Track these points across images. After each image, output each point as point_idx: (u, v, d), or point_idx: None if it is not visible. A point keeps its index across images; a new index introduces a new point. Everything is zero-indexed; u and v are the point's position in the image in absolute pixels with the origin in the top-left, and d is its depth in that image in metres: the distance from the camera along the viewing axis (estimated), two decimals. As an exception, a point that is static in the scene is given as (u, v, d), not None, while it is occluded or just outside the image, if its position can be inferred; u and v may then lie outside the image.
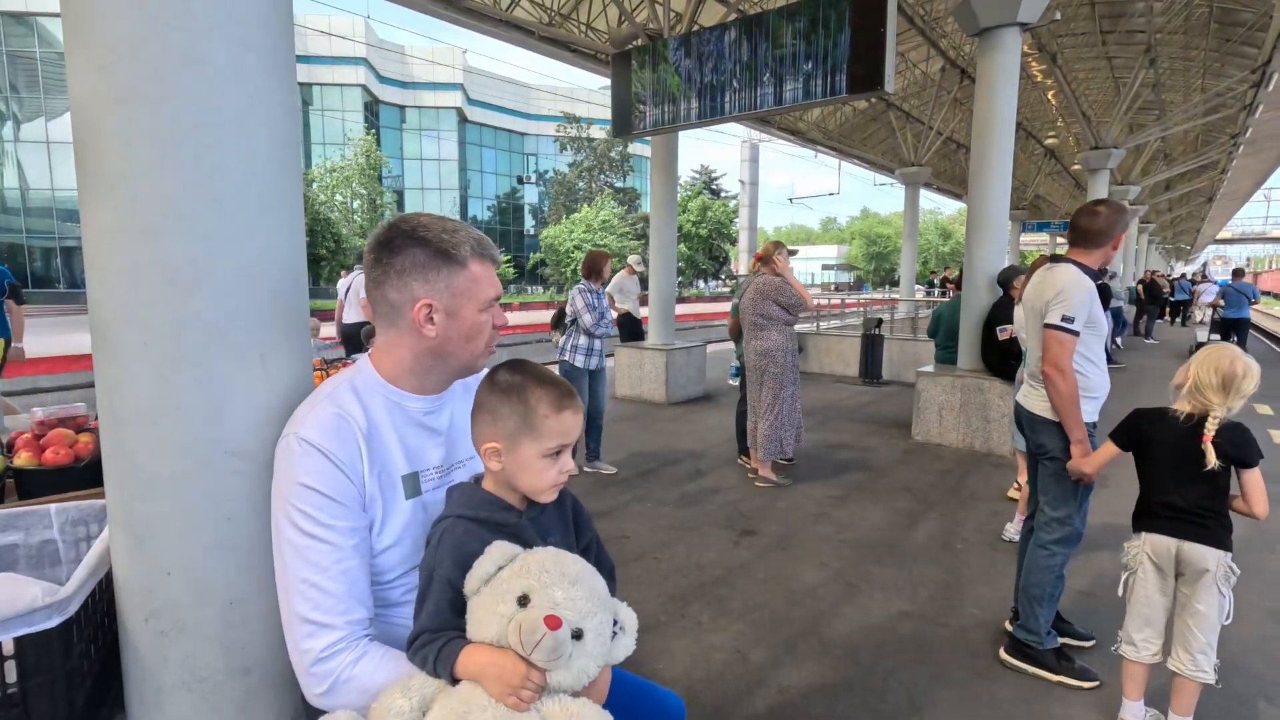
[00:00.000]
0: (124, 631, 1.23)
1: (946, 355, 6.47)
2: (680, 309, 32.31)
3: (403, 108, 49.13)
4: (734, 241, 52.11)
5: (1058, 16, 10.61)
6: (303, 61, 39.30)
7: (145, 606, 1.20)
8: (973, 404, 6.03)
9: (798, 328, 12.72)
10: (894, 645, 2.87)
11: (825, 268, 74.31)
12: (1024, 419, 2.74)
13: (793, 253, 5.15)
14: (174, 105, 1.10)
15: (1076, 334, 2.48)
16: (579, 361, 5.02)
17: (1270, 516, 2.12)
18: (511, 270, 47.68)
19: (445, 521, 1.09)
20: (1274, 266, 66.31)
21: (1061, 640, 2.76)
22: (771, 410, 4.92)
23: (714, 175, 54.81)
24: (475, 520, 1.08)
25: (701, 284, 52.30)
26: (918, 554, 3.81)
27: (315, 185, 34.98)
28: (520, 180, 56.32)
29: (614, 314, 8.23)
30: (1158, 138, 15.52)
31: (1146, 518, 2.20)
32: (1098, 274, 2.55)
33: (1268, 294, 55.96)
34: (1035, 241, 37.73)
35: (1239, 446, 2.03)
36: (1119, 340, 14.80)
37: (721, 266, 51.66)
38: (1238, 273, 13.10)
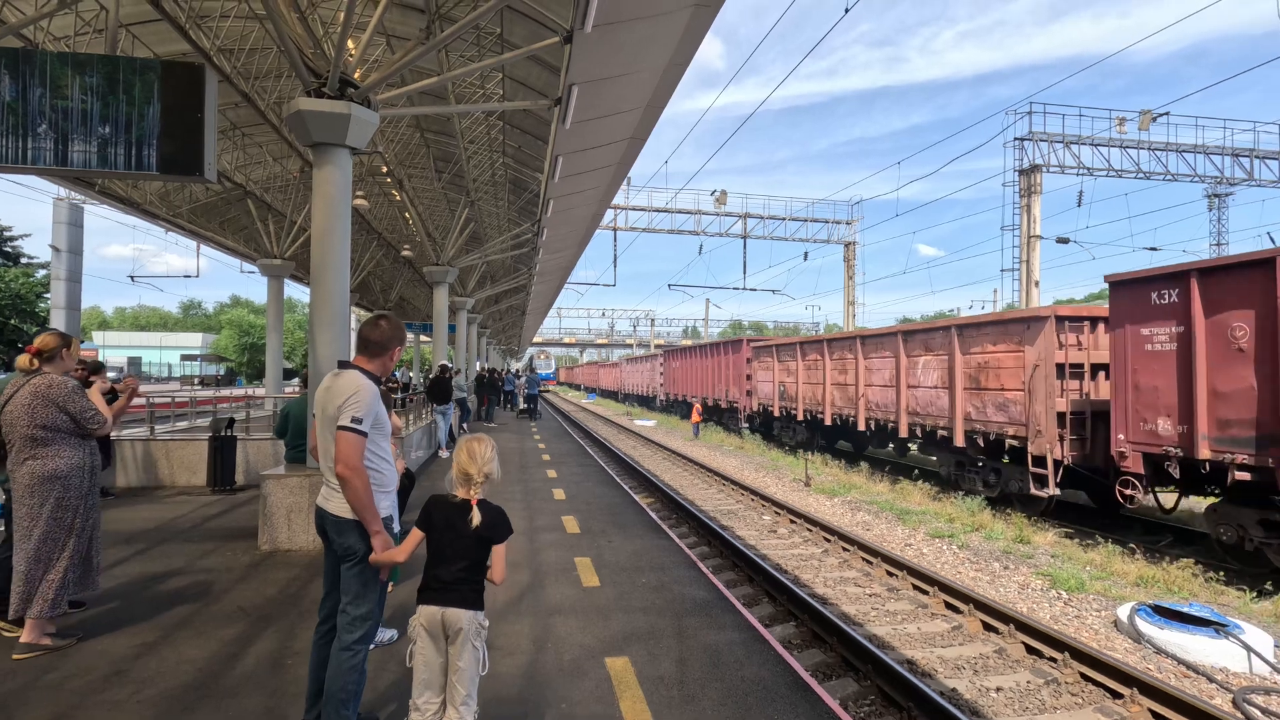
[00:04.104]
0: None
1: (297, 455, 6.24)
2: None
3: None
4: (44, 322, 39.71)
5: (379, 149, 12.26)
6: None
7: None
8: (323, 502, 5.97)
9: (126, 432, 10.41)
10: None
11: (187, 358, 64.39)
12: (327, 522, 2.77)
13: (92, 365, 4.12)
14: None
15: (365, 434, 2.68)
16: None
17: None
18: None
19: None
20: (574, 366, 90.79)
21: None
22: (59, 548, 3.74)
23: (9, 234, 41.21)
24: None
25: (-14, 377, 37.81)
26: (240, 687, 3.40)
27: None
28: None
29: None
30: (482, 261, 19.44)
31: (423, 591, 2.48)
32: (378, 379, 2.85)
33: (565, 383, 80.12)
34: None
35: (493, 526, 2.49)
36: (465, 425, 17.47)
37: (19, 354, 38.32)
38: (530, 368, 25.12)
